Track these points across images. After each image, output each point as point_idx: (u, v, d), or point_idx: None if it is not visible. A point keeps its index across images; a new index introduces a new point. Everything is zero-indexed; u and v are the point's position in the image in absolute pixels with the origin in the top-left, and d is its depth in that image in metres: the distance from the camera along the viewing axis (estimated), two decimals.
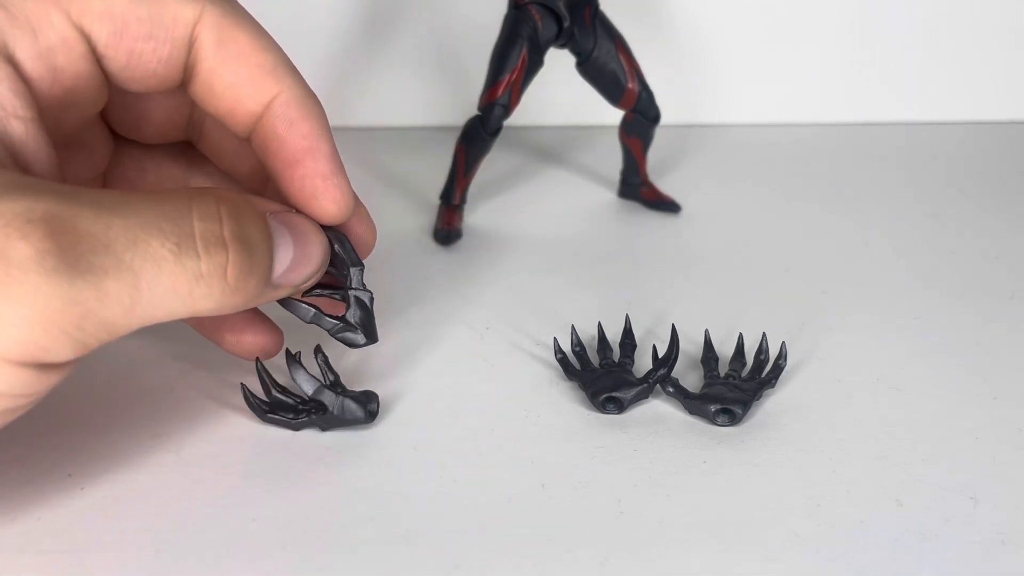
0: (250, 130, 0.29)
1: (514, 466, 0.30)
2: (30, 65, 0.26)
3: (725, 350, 0.34)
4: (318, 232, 0.29)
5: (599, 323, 0.35)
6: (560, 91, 0.49)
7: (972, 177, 0.50)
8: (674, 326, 0.34)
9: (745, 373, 0.33)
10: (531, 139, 0.53)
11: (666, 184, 0.48)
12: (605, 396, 0.32)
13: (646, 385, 0.32)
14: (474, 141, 0.42)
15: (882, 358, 0.35)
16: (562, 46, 0.42)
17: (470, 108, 0.42)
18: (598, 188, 0.48)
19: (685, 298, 0.39)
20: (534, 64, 0.41)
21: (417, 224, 0.44)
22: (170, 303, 0.25)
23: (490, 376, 0.34)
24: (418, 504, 0.28)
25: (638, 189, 0.46)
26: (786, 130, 0.55)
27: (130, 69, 0.28)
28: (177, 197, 0.25)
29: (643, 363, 0.34)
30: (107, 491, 0.25)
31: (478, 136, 0.42)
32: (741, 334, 0.35)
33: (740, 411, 0.31)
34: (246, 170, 0.32)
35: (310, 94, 0.29)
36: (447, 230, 0.43)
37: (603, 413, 0.32)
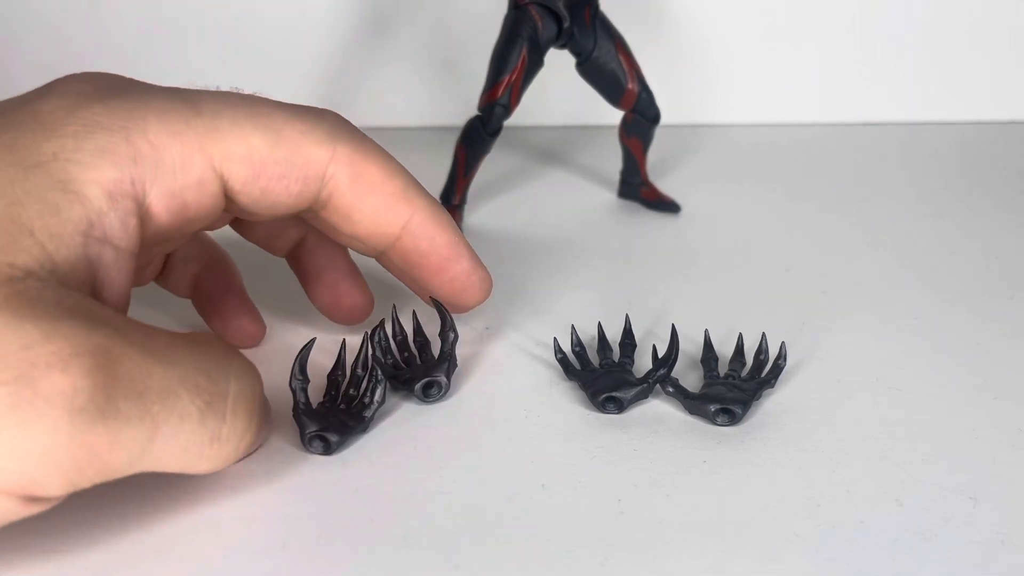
0: (386, 247, 0.32)
1: (514, 466, 0.30)
2: (159, 202, 0.27)
3: (725, 350, 0.34)
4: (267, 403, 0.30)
5: (599, 323, 0.35)
6: (560, 91, 0.49)
7: (972, 177, 0.50)
8: (674, 326, 0.34)
9: (745, 373, 0.33)
10: (531, 139, 0.53)
11: (666, 184, 0.48)
12: (605, 396, 0.32)
13: (646, 385, 0.32)
14: (474, 141, 0.42)
15: (882, 358, 0.35)
16: (562, 46, 0.42)
17: (470, 108, 0.42)
18: (598, 188, 0.48)
19: (685, 298, 0.39)
20: (534, 64, 0.41)
21: None
22: (177, 458, 0.25)
23: (490, 376, 0.34)
24: (418, 504, 0.28)
25: (638, 189, 0.46)
26: (786, 130, 0.55)
27: (259, 204, 0.29)
28: (220, 351, 0.26)
29: (643, 363, 0.34)
30: (106, 490, 0.25)
31: (478, 136, 0.42)
32: (741, 334, 0.35)
33: (740, 411, 0.31)
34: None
35: (438, 206, 0.32)
36: None
37: (603, 413, 0.32)
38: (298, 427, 0.30)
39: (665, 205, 0.46)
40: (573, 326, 0.35)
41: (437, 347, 0.34)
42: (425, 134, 0.53)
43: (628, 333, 0.35)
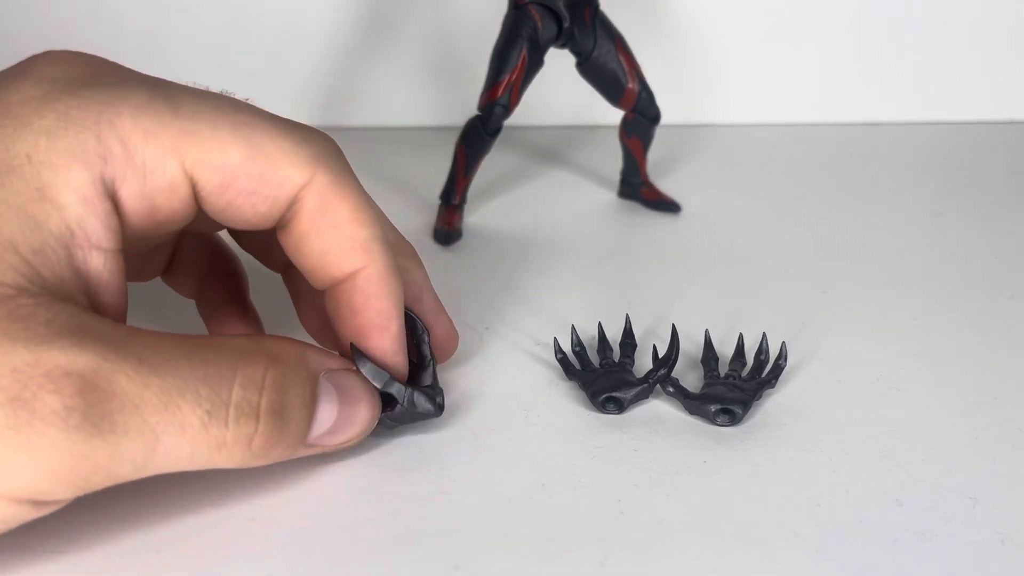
0: (326, 287, 0.29)
1: (514, 466, 0.30)
2: (131, 203, 0.26)
3: (725, 350, 0.34)
4: (370, 395, 0.29)
5: (599, 323, 0.35)
6: (560, 91, 0.49)
7: (972, 177, 0.50)
8: (674, 326, 0.34)
9: (745, 373, 0.33)
10: (531, 139, 0.53)
11: (666, 184, 0.48)
12: (605, 396, 0.32)
13: (646, 385, 0.32)
14: (474, 141, 0.42)
15: (882, 358, 0.35)
16: (562, 46, 0.42)
17: (470, 108, 0.42)
18: (598, 188, 0.48)
19: (685, 298, 0.39)
20: (534, 64, 0.41)
21: (417, 224, 0.44)
22: (186, 463, 0.25)
23: (490, 376, 0.34)
24: (418, 504, 0.28)
25: (638, 189, 0.46)
26: (786, 130, 0.55)
27: (225, 214, 0.28)
28: (224, 357, 0.26)
29: (643, 363, 0.34)
30: (106, 490, 0.25)
31: (478, 136, 0.42)
32: (741, 334, 0.35)
33: (740, 411, 0.31)
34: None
35: (394, 272, 0.29)
36: (447, 230, 0.43)
37: (603, 413, 0.32)
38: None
39: (665, 205, 0.46)
40: (573, 326, 0.35)
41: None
42: (425, 134, 0.53)
43: (628, 333, 0.35)
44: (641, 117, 0.44)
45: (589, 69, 0.43)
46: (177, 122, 0.26)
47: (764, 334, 0.34)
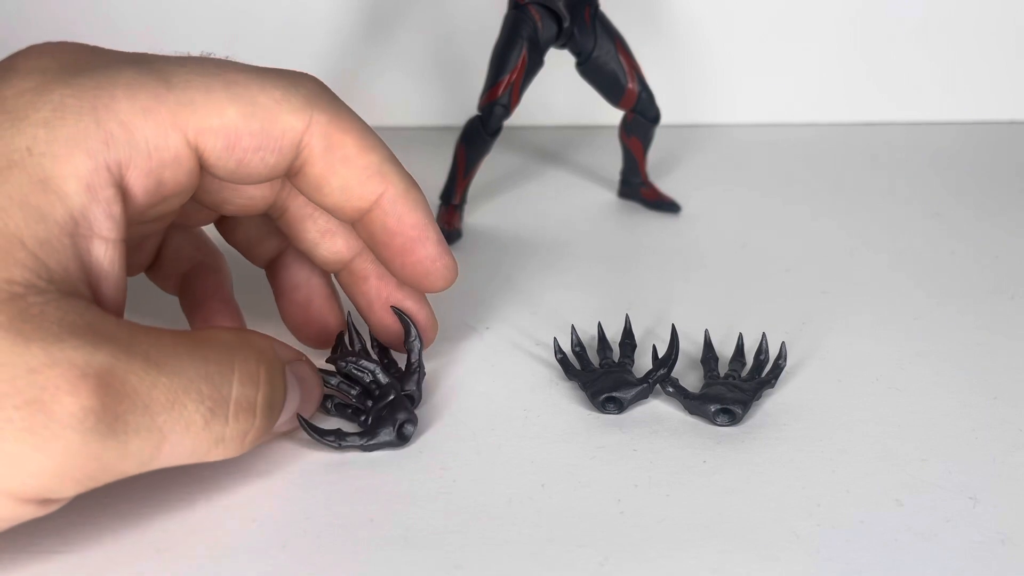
0: (355, 220, 0.31)
1: (514, 466, 0.30)
2: (138, 182, 0.26)
3: (725, 350, 0.34)
4: (318, 378, 0.31)
5: (599, 323, 0.35)
6: (560, 91, 0.49)
7: (972, 177, 0.50)
8: (674, 326, 0.34)
9: (745, 373, 0.33)
10: (531, 139, 0.53)
11: (666, 184, 0.48)
12: (605, 396, 0.32)
13: (646, 385, 0.32)
14: (474, 141, 0.42)
15: (882, 358, 0.35)
16: (562, 46, 0.42)
17: (470, 108, 0.42)
18: (598, 188, 0.48)
19: (685, 298, 0.39)
20: (534, 64, 0.41)
21: None
22: (185, 458, 0.26)
23: (490, 376, 0.34)
24: (418, 504, 0.28)
25: (638, 189, 0.46)
26: (786, 130, 0.55)
27: (236, 174, 0.28)
28: (221, 353, 0.26)
29: (643, 363, 0.34)
30: (106, 490, 0.25)
31: (478, 136, 0.42)
32: (741, 334, 0.35)
33: (740, 411, 0.31)
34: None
35: (413, 185, 0.31)
36: (447, 230, 0.43)
37: (603, 413, 0.32)
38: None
39: (665, 205, 0.46)
40: (573, 326, 0.35)
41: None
42: (425, 134, 0.53)
43: (628, 333, 0.35)
44: (641, 117, 0.44)
45: (589, 69, 0.43)
46: (172, 95, 0.27)
47: (764, 334, 0.34)
